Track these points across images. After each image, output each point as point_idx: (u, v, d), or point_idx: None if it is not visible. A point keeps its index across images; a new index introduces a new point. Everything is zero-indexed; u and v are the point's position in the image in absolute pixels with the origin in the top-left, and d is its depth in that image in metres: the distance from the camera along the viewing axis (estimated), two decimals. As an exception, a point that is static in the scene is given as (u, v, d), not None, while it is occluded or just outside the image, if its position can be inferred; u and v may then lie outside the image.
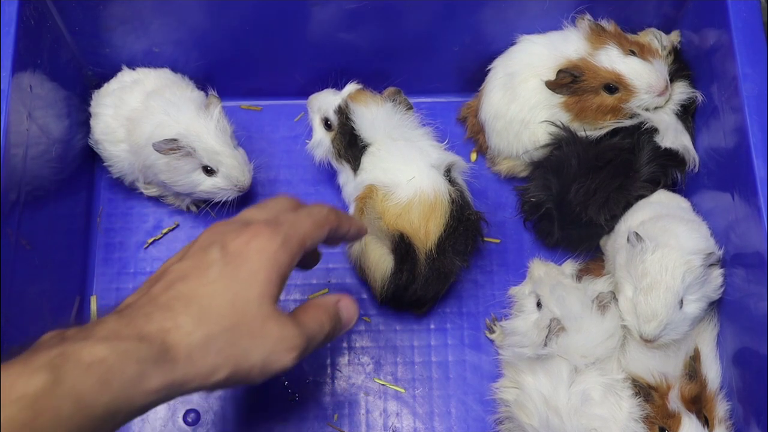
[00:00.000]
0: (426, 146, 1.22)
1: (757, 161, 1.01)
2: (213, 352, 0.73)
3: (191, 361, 0.72)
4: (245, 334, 0.75)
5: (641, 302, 1.05)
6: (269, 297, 0.77)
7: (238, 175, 1.20)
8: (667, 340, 1.06)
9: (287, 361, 0.78)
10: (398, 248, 1.15)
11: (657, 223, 1.11)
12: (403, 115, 1.22)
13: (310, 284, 1.29)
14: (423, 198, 1.15)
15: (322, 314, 0.84)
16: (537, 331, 1.09)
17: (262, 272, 0.77)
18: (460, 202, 1.17)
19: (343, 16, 1.23)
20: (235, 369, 0.75)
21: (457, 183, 1.20)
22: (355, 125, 1.20)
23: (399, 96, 1.23)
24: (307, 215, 0.85)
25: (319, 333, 0.83)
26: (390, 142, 1.20)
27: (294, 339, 0.78)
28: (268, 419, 1.21)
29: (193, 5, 1.21)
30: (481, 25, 1.27)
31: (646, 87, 1.18)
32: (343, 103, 1.22)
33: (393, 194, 1.16)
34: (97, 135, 1.26)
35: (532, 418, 1.07)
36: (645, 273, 1.05)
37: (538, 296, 1.14)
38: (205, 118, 1.18)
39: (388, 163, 1.19)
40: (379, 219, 1.15)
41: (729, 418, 1.06)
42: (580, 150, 1.20)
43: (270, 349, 0.76)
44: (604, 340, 1.08)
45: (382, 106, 1.21)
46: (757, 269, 1.00)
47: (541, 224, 1.27)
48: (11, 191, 1.04)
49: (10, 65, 1.05)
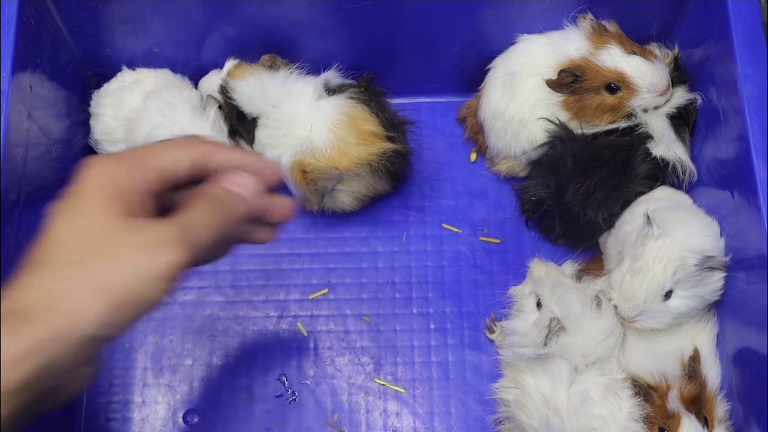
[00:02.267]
0: (303, 92, 1.21)
1: (757, 161, 1.01)
2: (65, 292, 0.66)
3: (47, 311, 0.65)
4: (98, 256, 0.68)
5: (626, 281, 1.06)
6: (114, 212, 0.70)
7: None
8: (646, 326, 1.07)
9: (172, 258, 0.69)
10: (377, 167, 1.18)
11: (674, 212, 1.11)
12: (278, 78, 1.22)
13: (311, 284, 1.30)
14: (339, 124, 1.17)
15: (199, 198, 0.76)
16: (537, 331, 1.09)
17: (94, 194, 0.71)
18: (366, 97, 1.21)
19: (343, 16, 1.23)
20: (109, 297, 0.67)
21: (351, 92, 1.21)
22: (237, 101, 1.22)
23: (275, 61, 1.24)
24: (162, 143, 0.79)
25: (201, 215, 0.74)
26: (272, 109, 1.21)
27: (164, 234, 0.70)
28: (268, 419, 1.21)
29: (193, 5, 1.21)
30: (481, 25, 1.27)
31: (648, 86, 1.18)
32: (223, 82, 1.23)
33: (315, 146, 1.17)
34: (96, 135, 1.27)
35: (532, 419, 1.07)
36: (640, 256, 1.06)
37: (538, 296, 1.14)
38: (201, 119, 1.18)
39: (282, 129, 1.20)
40: (336, 169, 1.16)
41: (729, 419, 1.06)
42: (576, 148, 1.20)
43: (137, 256, 0.68)
44: (604, 338, 1.08)
45: (258, 77, 1.22)
46: (756, 268, 1.00)
47: (544, 221, 1.27)
48: (11, 191, 1.04)
49: (10, 65, 1.05)
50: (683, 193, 1.22)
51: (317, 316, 1.28)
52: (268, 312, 1.28)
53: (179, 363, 1.24)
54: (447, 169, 1.36)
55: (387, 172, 1.22)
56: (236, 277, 1.30)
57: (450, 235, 1.32)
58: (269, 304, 1.28)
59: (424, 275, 1.30)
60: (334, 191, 1.24)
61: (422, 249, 1.31)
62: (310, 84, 1.22)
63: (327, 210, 1.28)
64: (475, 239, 1.32)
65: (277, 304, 1.28)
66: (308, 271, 1.30)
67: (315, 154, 1.18)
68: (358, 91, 1.22)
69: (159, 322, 1.27)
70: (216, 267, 1.30)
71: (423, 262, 1.31)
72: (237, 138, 1.23)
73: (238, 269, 1.30)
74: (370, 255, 1.31)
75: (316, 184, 1.20)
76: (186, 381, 1.23)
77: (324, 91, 1.22)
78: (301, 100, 1.21)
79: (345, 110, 1.19)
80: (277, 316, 1.28)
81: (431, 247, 1.32)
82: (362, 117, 1.19)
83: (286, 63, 1.25)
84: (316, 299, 1.29)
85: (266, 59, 1.25)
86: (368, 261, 1.31)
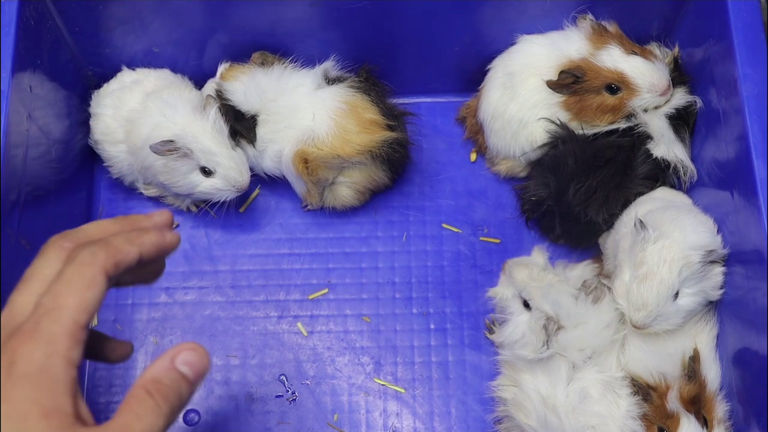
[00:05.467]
0: (300, 83, 1.22)
1: (757, 161, 1.01)
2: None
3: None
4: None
5: (634, 290, 1.06)
6: (53, 429, 0.62)
7: (235, 175, 1.20)
8: (659, 330, 1.07)
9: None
10: (378, 155, 1.19)
11: (666, 212, 1.11)
12: (273, 74, 1.23)
13: (311, 284, 1.30)
14: (340, 113, 1.18)
15: (148, 398, 0.67)
16: (533, 334, 1.09)
17: (33, 410, 0.62)
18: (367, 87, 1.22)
19: (343, 16, 1.23)
20: None
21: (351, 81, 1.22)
22: (233, 101, 1.23)
23: (266, 57, 1.25)
24: (65, 281, 0.67)
25: (154, 413, 0.67)
26: (271, 104, 1.22)
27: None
28: (268, 419, 1.21)
29: (193, 5, 1.21)
30: (481, 25, 1.27)
31: (648, 86, 1.18)
32: (217, 85, 1.24)
33: (317, 135, 1.18)
34: (96, 135, 1.27)
35: (530, 418, 1.07)
36: (643, 261, 1.06)
37: (524, 299, 1.13)
38: (201, 119, 1.18)
39: (284, 122, 1.21)
40: (338, 157, 1.17)
41: (729, 419, 1.06)
42: (577, 148, 1.20)
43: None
44: (600, 330, 1.08)
45: (251, 74, 1.23)
46: (756, 268, 1.00)
47: (544, 221, 1.27)
48: (11, 192, 1.04)
49: (10, 65, 1.05)
50: (682, 193, 1.22)
51: (317, 316, 1.28)
52: (268, 312, 1.28)
53: (179, 363, 1.24)
54: (447, 169, 1.36)
55: (388, 161, 1.23)
56: (236, 277, 1.30)
57: (450, 235, 1.32)
58: (269, 304, 1.29)
59: (424, 275, 1.30)
60: (334, 185, 1.25)
61: (422, 249, 1.32)
62: (308, 76, 1.23)
63: (327, 207, 1.28)
64: (475, 239, 1.32)
65: (277, 304, 1.28)
66: (308, 271, 1.30)
67: (317, 143, 1.18)
68: (358, 81, 1.23)
69: (159, 322, 1.27)
70: (216, 267, 1.30)
71: (423, 262, 1.31)
72: (238, 138, 1.23)
73: (238, 269, 1.30)
74: (370, 255, 1.31)
75: (318, 174, 1.20)
76: (186, 381, 1.23)
77: (324, 81, 1.23)
78: (300, 92, 1.21)
79: (345, 99, 1.20)
80: (277, 316, 1.28)
81: (431, 247, 1.32)
82: (363, 106, 1.20)
83: (278, 58, 1.26)
84: (316, 299, 1.29)
85: (257, 57, 1.26)
86: (368, 261, 1.31)
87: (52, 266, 0.69)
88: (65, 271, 0.67)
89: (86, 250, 0.69)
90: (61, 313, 0.65)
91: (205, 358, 0.72)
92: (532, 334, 1.09)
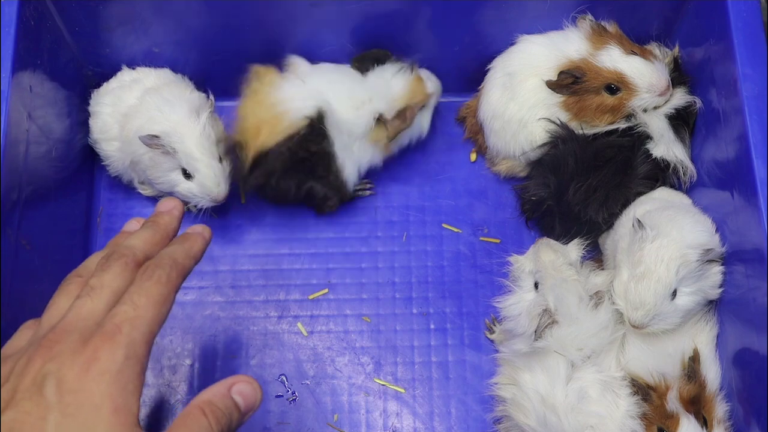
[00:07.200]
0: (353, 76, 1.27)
1: (757, 161, 1.01)
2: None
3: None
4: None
5: (632, 289, 1.06)
6: (120, 425, 0.68)
7: (211, 186, 1.19)
8: (657, 329, 1.07)
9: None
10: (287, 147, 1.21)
11: (664, 212, 1.11)
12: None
13: (310, 284, 1.30)
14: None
15: (202, 417, 0.73)
16: (528, 319, 1.09)
17: (106, 404, 0.67)
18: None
19: (343, 17, 1.23)
20: None
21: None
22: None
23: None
24: (144, 294, 0.75)
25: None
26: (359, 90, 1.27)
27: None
28: (268, 419, 1.21)
29: (193, 6, 1.21)
30: (481, 25, 1.27)
31: (647, 86, 1.18)
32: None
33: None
34: (95, 134, 1.27)
35: (529, 417, 1.07)
36: (640, 261, 1.06)
37: (537, 279, 1.13)
38: (193, 122, 1.18)
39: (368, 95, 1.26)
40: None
41: (728, 419, 1.06)
42: (577, 148, 1.20)
43: None
44: (598, 331, 1.08)
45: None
46: (757, 267, 1.00)
47: (544, 221, 1.27)
48: (11, 191, 1.04)
49: (10, 65, 1.05)
50: (682, 193, 1.22)
51: (317, 316, 1.28)
52: (268, 312, 1.28)
53: (179, 363, 1.24)
54: (447, 169, 1.36)
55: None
56: (236, 277, 1.30)
57: (450, 235, 1.32)
58: (269, 304, 1.29)
59: (424, 275, 1.30)
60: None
61: (422, 249, 1.32)
62: (347, 71, 1.28)
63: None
64: (475, 239, 1.32)
65: (277, 304, 1.29)
66: (308, 271, 1.30)
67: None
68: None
69: (159, 322, 1.27)
70: (216, 267, 1.30)
71: (423, 262, 1.31)
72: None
73: (238, 269, 1.30)
74: (370, 255, 1.31)
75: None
76: (186, 381, 1.23)
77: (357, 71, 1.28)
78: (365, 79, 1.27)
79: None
80: (277, 316, 1.28)
81: (431, 247, 1.32)
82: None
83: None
84: (316, 299, 1.29)
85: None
86: (368, 261, 1.31)
87: (119, 280, 0.77)
88: (144, 286, 0.75)
89: (161, 270, 0.77)
90: (142, 323, 0.73)
91: (258, 393, 0.78)
92: (527, 316, 1.09)
